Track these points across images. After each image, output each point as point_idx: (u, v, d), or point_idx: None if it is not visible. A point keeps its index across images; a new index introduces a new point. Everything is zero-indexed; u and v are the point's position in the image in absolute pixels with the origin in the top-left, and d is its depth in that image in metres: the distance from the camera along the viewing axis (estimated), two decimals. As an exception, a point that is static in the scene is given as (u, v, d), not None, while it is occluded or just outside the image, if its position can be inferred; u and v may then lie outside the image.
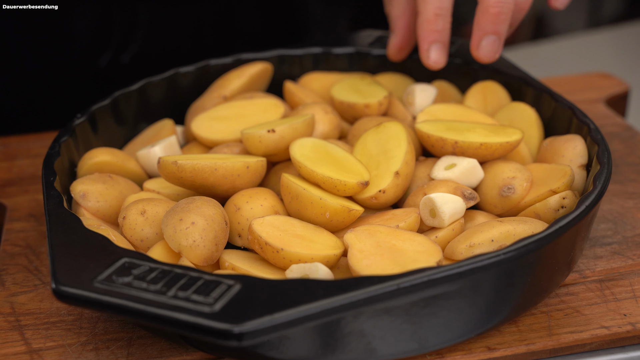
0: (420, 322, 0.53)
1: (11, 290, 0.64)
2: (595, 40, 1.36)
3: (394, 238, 0.58)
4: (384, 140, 0.67)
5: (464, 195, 0.63)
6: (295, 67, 0.86)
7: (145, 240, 0.61)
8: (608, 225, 0.69)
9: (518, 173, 0.64)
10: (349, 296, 0.49)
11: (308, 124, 0.68)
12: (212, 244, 0.58)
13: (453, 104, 0.74)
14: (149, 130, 0.78)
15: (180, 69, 0.82)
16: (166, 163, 0.63)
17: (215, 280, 0.51)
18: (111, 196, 0.65)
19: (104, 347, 0.57)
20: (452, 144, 0.66)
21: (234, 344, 0.47)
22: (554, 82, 0.97)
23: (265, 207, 0.63)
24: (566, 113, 0.72)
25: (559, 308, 0.60)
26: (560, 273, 0.59)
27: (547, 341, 0.57)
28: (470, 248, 0.58)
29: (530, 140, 0.72)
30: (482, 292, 0.54)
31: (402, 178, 0.64)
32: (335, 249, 0.58)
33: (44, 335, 0.59)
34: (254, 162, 0.65)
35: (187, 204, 0.59)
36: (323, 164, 0.64)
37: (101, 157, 0.69)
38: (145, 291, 0.50)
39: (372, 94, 0.75)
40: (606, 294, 0.61)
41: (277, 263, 0.58)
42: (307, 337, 0.51)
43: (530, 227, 0.59)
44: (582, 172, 0.66)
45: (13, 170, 0.83)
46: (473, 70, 0.81)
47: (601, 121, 0.88)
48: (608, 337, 0.57)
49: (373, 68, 0.85)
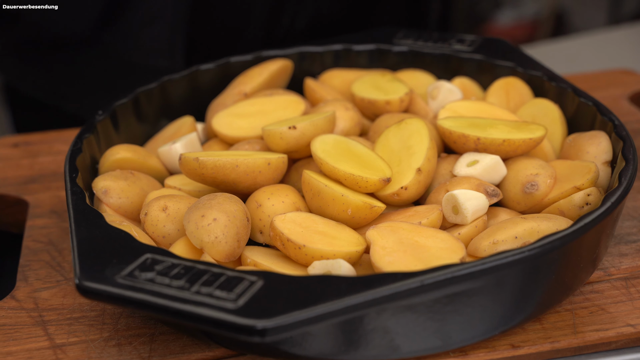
0: (443, 319, 0.52)
1: (34, 286, 0.65)
2: (616, 37, 1.35)
3: (416, 235, 0.57)
4: (406, 137, 0.67)
5: (486, 192, 0.62)
6: (315, 64, 0.85)
7: (167, 236, 0.61)
8: (633, 223, 0.69)
9: (541, 170, 0.64)
10: (372, 293, 0.49)
11: (329, 121, 0.68)
12: (234, 240, 0.58)
13: (475, 101, 0.74)
14: (170, 127, 0.78)
15: (201, 66, 0.82)
16: (187, 160, 0.63)
17: (237, 277, 0.51)
18: (133, 193, 0.65)
19: (126, 343, 0.58)
20: (475, 140, 0.65)
21: (257, 340, 0.47)
22: (576, 79, 0.96)
23: (287, 204, 0.63)
24: (590, 109, 0.71)
25: (583, 306, 0.59)
26: (584, 270, 0.58)
27: (572, 339, 0.56)
28: (494, 245, 0.57)
29: (553, 137, 0.71)
30: (506, 289, 0.53)
31: (424, 175, 0.64)
32: (358, 245, 0.58)
33: (67, 331, 0.59)
34: (275, 158, 0.65)
35: (208, 201, 0.59)
36: (344, 161, 0.63)
37: (123, 153, 0.69)
38: (168, 287, 0.50)
39: (393, 91, 0.75)
40: (632, 291, 0.60)
41: (299, 260, 0.58)
42: (330, 333, 0.51)
43: (555, 224, 0.58)
44: (606, 168, 0.65)
45: (35, 167, 0.84)
46: (495, 66, 0.80)
47: (625, 118, 0.87)
48: (634, 335, 0.57)
49: (394, 65, 0.85)
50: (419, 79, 0.82)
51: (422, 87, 0.81)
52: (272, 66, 0.81)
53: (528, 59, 0.80)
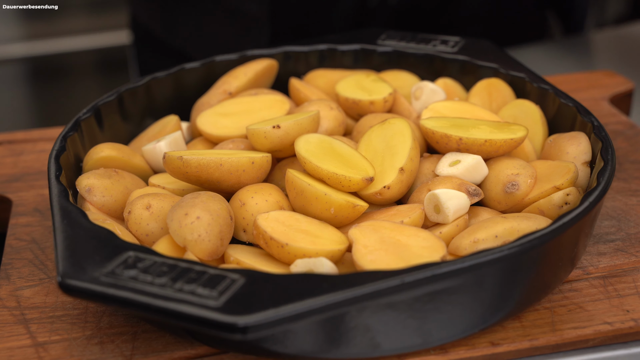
0: (424, 317, 0.53)
1: (17, 284, 0.65)
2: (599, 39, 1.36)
3: (398, 233, 0.58)
4: (389, 137, 0.67)
5: (468, 191, 0.63)
6: (300, 64, 0.86)
7: (151, 234, 0.61)
8: (611, 222, 0.69)
9: (522, 170, 0.65)
10: (353, 291, 0.49)
11: (313, 120, 0.69)
12: (217, 238, 0.58)
13: (458, 101, 0.75)
14: (155, 126, 0.78)
15: (186, 65, 0.82)
16: (171, 158, 0.63)
17: (220, 275, 0.51)
18: (116, 191, 0.65)
19: (109, 341, 0.58)
20: (457, 140, 0.66)
21: (239, 337, 0.47)
22: (558, 80, 0.97)
23: (270, 203, 0.63)
24: (570, 110, 0.72)
25: (562, 304, 0.60)
26: (563, 269, 0.59)
27: (551, 337, 0.57)
28: (474, 244, 0.58)
29: (534, 138, 0.72)
30: (486, 287, 0.54)
31: (407, 174, 0.64)
32: (340, 244, 0.59)
33: (49, 329, 0.59)
34: (259, 157, 0.65)
35: (192, 199, 0.60)
36: (328, 160, 0.64)
37: (107, 152, 0.69)
38: (151, 285, 0.50)
39: (377, 91, 0.76)
40: (609, 290, 0.61)
41: (282, 258, 0.58)
42: (312, 331, 0.51)
43: (534, 223, 0.59)
44: (586, 169, 0.66)
45: (19, 165, 0.84)
46: (477, 67, 0.81)
47: (605, 119, 0.88)
48: (611, 333, 0.57)
49: (378, 65, 0.85)
50: (403, 80, 0.83)
51: (406, 87, 0.81)
52: (257, 66, 0.81)
53: (511, 60, 0.81)
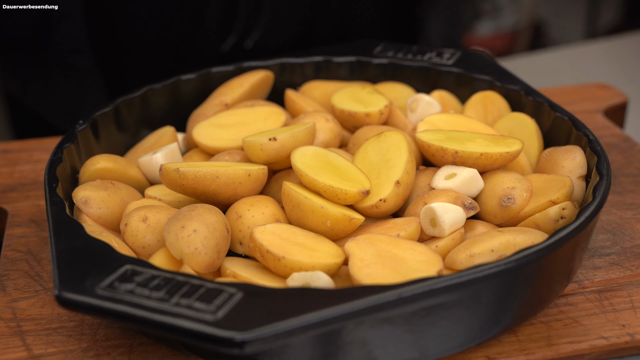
0: (420, 331, 0.53)
1: (12, 295, 0.64)
2: (593, 50, 1.37)
3: (394, 247, 0.58)
4: (385, 149, 0.67)
5: (464, 204, 0.63)
6: (296, 75, 0.86)
7: (147, 247, 0.61)
8: (607, 236, 0.70)
9: (518, 183, 0.65)
10: (350, 305, 0.49)
11: (309, 133, 0.69)
12: (213, 251, 0.58)
13: (453, 114, 0.75)
14: (151, 137, 0.78)
15: (182, 76, 0.82)
16: (168, 170, 0.63)
17: (217, 289, 0.51)
18: (113, 203, 0.65)
19: (105, 354, 0.58)
20: (453, 153, 0.66)
21: (236, 352, 0.47)
22: (552, 93, 0.98)
23: (267, 215, 0.63)
24: (565, 124, 0.72)
25: (558, 318, 0.60)
26: (559, 283, 0.59)
27: (547, 351, 0.57)
28: (471, 258, 0.58)
29: (530, 151, 0.72)
30: (482, 302, 0.54)
31: (403, 187, 0.65)
32: (337, 257, 0.59)
33: (45, 341, 0.59)
34: (255, 170, 0.65)
35: (189, 212, 0.60)
36: (324, 173, 0.64)
37: (103, 163, 0.69)
38: (148, 298, 0.50)
39: (373, 103, 0.76)
40: (605, 304, 0.62)
41: (278, 271, 0.58)
42: (309, 345, 0.51)
43: (530, 237, 0.59)
44: (581, 183, 0.67)
45: (14, 175, 0.83)
46: (473, 80, 0.81)
47: (600, 132, 0.88)
48: (607, 347, 0.58)
49: (374, 77, 0.86)
50: (399, 92, 0.83)
51: (402, 99, 0.82)
52: (253, 77, 0.81)
53: (506, 73, 0.82)
